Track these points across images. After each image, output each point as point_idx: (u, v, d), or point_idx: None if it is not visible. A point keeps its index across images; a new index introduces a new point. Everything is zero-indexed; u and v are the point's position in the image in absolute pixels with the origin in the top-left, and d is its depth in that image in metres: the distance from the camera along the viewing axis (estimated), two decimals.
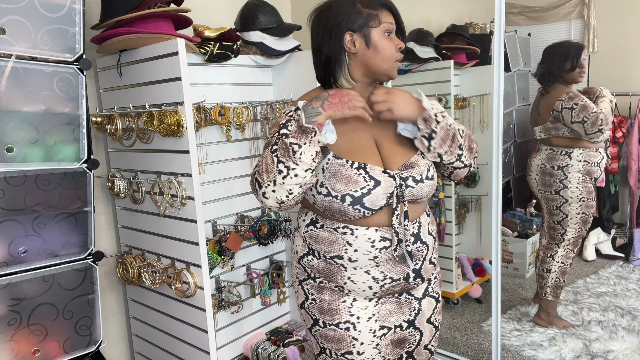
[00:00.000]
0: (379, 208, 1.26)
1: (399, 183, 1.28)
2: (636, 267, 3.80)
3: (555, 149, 2.76)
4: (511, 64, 4.13)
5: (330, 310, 1.36)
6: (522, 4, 4.64)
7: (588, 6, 4.34)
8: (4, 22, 1.48)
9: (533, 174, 2.86)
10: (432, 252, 1.38)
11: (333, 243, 1.30)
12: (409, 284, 1.35)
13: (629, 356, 2.56)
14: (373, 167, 1.27)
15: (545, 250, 2.89)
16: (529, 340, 2.74)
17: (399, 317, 1.40)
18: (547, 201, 2.82)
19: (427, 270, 1.38)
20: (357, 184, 1.24)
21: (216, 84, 2.07)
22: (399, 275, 1.32)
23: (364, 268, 1.30)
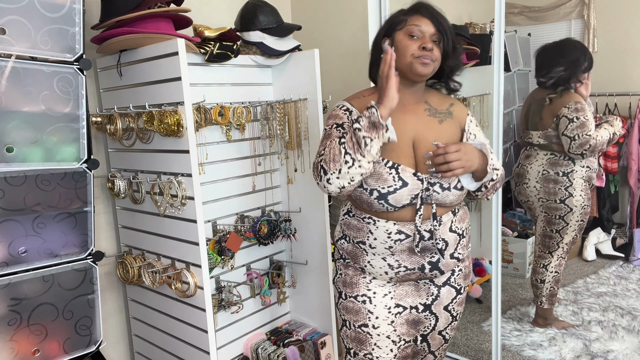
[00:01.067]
0: (401, 206, 1.40)
1: (425, 187, 1.40)
2: (636, 267, 3.80)
3: (557, 154, 2.61)
4: (511, 64, 4.13)
5: (351, 283, 1.54)
6: (522, 4, 4.65)
7: (588, 6, 4.34)
8: (4, 22, 1.48)
9: (531, 181, 2.70)
10: (454, 248, 1.48)
11: (359, 230, 1.48)
12: (424, 274, 1.48)
13: (629, 356, 2.56)
14: (405, 169, 1.40)
15: (538, 260, 2.81)
16: (529, 340, 2.74)
17: (415, 299, 1.53)
18: (547, 210, 2.68)
19: (446, 265, 1.48)
20: (386, 182, 1.39)
21: (216, 84, 2.07)
22: (413, 265, 1.45)
23: (381, 255, 1.46)
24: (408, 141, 1.43)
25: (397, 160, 1.41)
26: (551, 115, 2.59)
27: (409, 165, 1.41)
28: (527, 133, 2.74)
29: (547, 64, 2.62)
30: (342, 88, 2.66)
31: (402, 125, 1.43)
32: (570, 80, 2.56)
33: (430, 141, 1.43)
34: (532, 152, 2.72)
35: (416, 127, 1.45)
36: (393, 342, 1.54)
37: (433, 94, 1.54)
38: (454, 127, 1.50)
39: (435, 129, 1.46)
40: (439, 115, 1.49)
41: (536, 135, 2.68)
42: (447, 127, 1.48)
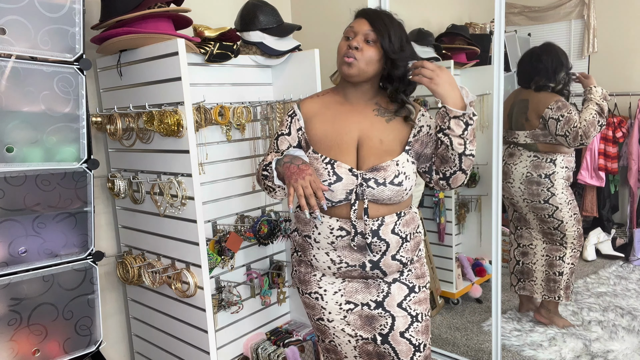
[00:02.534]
0: (337, 201, 1.45)
1: (359, 182, 1.44)
2: (636, 267, 3.80)
3: (540, 156, 2.69)
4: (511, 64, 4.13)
5: (305, 280, 1.60)
6: (522, 4, 4.64)
7: (588, 6, 4.34)
8: (4, 22, 1.48)
9: (516, 182, 2.76)
10: (396, 250, 1.49)
11: (307, 224, 1.52)
12: (365, 272, 1.50)
13: (629, 356, 2.56)
14: (341, 165, 1.45)
15: (552, 253, 2.83)
16: (529, 340, 2.74)
17: (366, 295, 1.55)
18: (535, 210, 2.75)
19: (388, 265, 1.50)
20: (322, 176, 1.44)
21: (216, 84, 2.06)
22: (354, 262, 1.49)
23: (324, 249, 1.51)
24: (352, 140, 1.49)
25: (338, 158, 1.47)
26: (536, 115, 2.66)
27: (348, 162, 1.46)
28: (512, 133, 2.79)
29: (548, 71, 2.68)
30: None
31: (348, 124, 1.50)
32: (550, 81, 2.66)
33: (374, 139, 1.48)
34: (515, 151, 2.78)
35: (362, 126, 1.50)
36: (349, 335, 1.59)
37: (383, 96, 1.55)
38: (403, 124, 1.52)
39: (382, 127, 1.49)
40: (387, 114, 1.52)
41: (523, 135, 2.73)
42: (394, 125, 1.50)
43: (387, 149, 1.48)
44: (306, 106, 1.58)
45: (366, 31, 1.44)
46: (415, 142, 1.51)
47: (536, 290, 2.88)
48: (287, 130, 1.58)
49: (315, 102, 1.58)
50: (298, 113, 1.57)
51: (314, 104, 1.58)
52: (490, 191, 2.24)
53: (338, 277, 1.55)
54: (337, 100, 1.57)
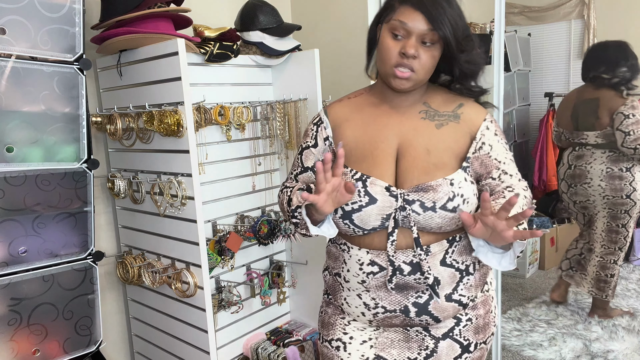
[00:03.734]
0: (371, 228, 1.13)
1: (400, 205, 1.10)
2: (636, 267, 3.79)
3: (616, 151, 2.68)
4: (511, 64, 4.14)
5: (328, 324, 1.28)
6: (522, 4, 4.65)
7: (588, 6, 4.35)
8: (4, 22, 1.48)
9: (594, 180, 2.74)
10: (451, 288, 1.14)
11: (337, 259, 1.22)
12: (410, 319, 1.16)
13: (629, 356, 2.56)
14: (375, 181, 1.12)
15: (607, 257, 2.86)
16: (529, 340, 2.74)
17: (403, 352, 1.20)
18: (612, 206, 2.75)
19: (441, 309, 1.15)
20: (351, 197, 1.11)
21: (216, 84, 2.06)
22: (393, 306, 1.15)
23: (356, 291, 1.18)
24: (390, 150, 1.16)
25: (371, 173, 1.14)
26: (609, 114, 2.65)
27: (384, 178, 1.13)
28: (579, 134, 2.79)
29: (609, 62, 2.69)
30: (342, 88, 2.66)
31: (385, 130, 1.18)
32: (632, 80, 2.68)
33: (419, 148, 1.13)
34: (585, 152, 2.78)
35: (402, 132, 1.17)
36: None
37: (438, 93, 1.22)
38: (459, 133, 1.16)
39: (429, 134, 1.15)
40: (439, 118, 1.17)
41: (593, 136, 2.73)
42: (447, 132, 1.16)
43: (436, 161, 1.13)
44: (334, 111, 1.26)
45: (423, 30, 1.09)
46: (475, 160, 1.15)
47: (584, 285, 2.95)
48: (312, 142, 1.26)
49: (346, 106, 1.26)
50: (325, 120, 1.26)
51: (344, 108, 1.26)
52: None
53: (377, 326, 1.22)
54: (372, 101, 1.24)
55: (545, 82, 4.69)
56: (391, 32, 1.12)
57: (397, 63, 1.11)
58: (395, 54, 1.11)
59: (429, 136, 1.15)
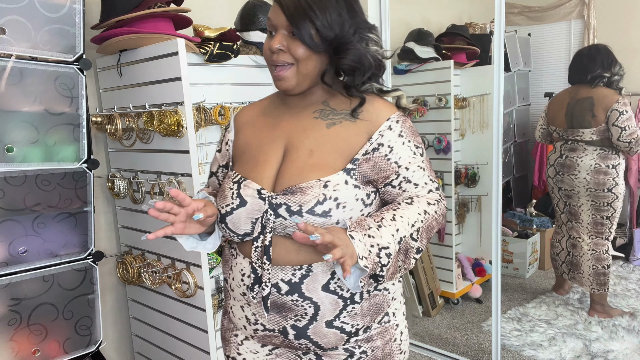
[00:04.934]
0: (244, 234, 1.05)
1: (265, 209, 1.02)
2: (636, 267, 3.79)
3: (606, 149, 2.85)
4: (511, 64, 4.13)
5: (224, 339, 1.21)
6: (522, 4, 4.64)
7: (588, 6, 4.34)
8: (4, 22, 1.48)
9: (582, 173, 2.90)
10: (333, 315, 1.03)
11: (227, 263, 1.15)
12: (289, 341, 1.06)
13: (629, 356, 2.56)
14: (249, 184, 1.05)
15: (597, 247, 2.96)
16: (529, 340, 2.74)
17: None
18: (596, 199, 2.89)
19: (321, 335, 1.04)
20: (225, 199, 1.07)
21: (216, 84, 2.06)
22: (272, 325, 1.06)
23: (240, 302, 1.10)
24: (274, 151, 1.08)
25: (248, 175, 1.08)
26: (604, 111, 2.80)
27: (264, 182, 1.05)
28: (574, 132, 2.92)
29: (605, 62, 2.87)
30: None
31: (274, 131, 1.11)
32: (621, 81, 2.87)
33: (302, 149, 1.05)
34: (578, 146, 2.92)
35: (291, 133, 1.08)
36: None
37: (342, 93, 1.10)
38: (353, 133, 1.05)
39: (316, 134, 1.06)
40: (333, 117, 1.07)
41: (589, 133, 2.86)
42: (338, 132, 1.05)
43: (316, 162, 1.03)
44: (242, 114, 1.21)
45: (283, 23, 1.02)
46: (364, 162, 1.03)
47: (585, 283, 3.00)
48: (218, 147, 1.22)
49: (253, 109, 1.20)
50: (231, 124, 1.21)
51: (251, 111, 1.20)
52: (491, 191, 2.24)
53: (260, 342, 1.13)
54: (276, 103, 1.17)
55: (545, 82, 4.68)
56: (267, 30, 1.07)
57: (271, 61, 1.05)
58: (268, 52, 1.05)
59: (315, 136, 1.06)
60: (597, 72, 2.85)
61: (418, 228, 0.99)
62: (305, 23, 1.00)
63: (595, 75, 2.86)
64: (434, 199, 1.04)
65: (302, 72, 1.03)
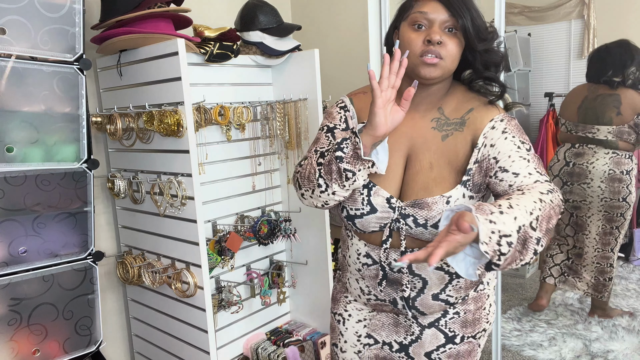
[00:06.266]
0: (371, 231, 1.18)
1: (395, 218, 1.14)
2: (636, 267, 3.79)
3: (619, 153, 2.63)
4: (511, 64, 4.13)
5: (335, 298, 1.39)
6: (522, 4, 4.65)
7: (588, 6, 4.34)
8: (4, 22, 1.48)
9: (595, 181, 2.66)
10: (439, 288, 1.18)
11: (344, 242, 1.30)
12: (398, 309, 1.23)
13: (629, 356, 2.56)
14: (379, 191, 1.14)
15: (603, 260, 2.82)
16: (529, 340, 2.74)
17: (391, 334, 1.28)
18: (610, 209, 2.70)
19: (427, 306, 1.20)
20: (355, 203, 1.16)
21: (216, 84, 2.07)
22: (384, 297, 1.22)
23: (355, 275, 1.27)
24: (400, 160, 1.17)
25: (378, 182, 1.16)
26: (633, 112, 2.59)
27: (392, 187, 1.15)
28: (586, 127, 2.68)
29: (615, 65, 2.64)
30: (342, 88, 2.66)
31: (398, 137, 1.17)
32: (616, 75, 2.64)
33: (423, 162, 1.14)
34: (586, 151, 2.69)
35: (413, 142, 1.17)
36: None
37: (455, 96, 1.20)
38: (460, 143, 1.14)
39: (434, 147, 1.15)
40: (447, 128, 1.16)
41: (605, 130, 2.63)
42: (450, 144, 1.15)
43: (436, 176, 1.13)
44: (358, 102, 1.25)
45: (444, 18, 1.09)
46: (476, 170, 1.12)
47: (579, 287, 2.89)
48: (342, 125, 1.23)
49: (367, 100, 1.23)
50: (351, 109, 1.24)
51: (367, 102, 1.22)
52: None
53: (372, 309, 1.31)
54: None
55: (545, 82, 4.69)
56: (411, 25, 1.12)
57: (423, 51, 1.09)
58: (420, 42, 1.10)
59: (434, 150, 1.15)
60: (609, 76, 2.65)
61: (537, 216, 0.95)
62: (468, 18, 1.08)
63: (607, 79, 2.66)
64: (546, 189, 1.02)
65: (447, 67, 1.11)
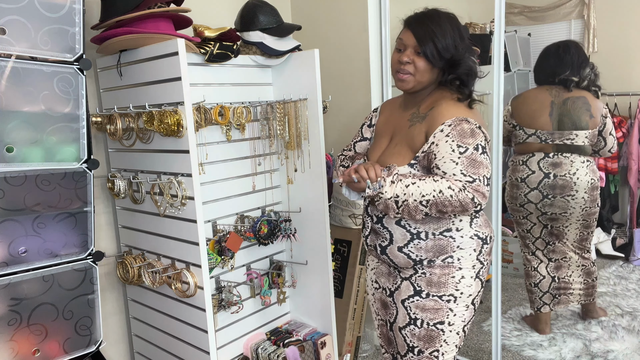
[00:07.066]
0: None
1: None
2: (636, 267, 3.79)
3: (591, 160, 2.59)
4: (511, 64, 4.13)
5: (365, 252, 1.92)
6: (522, 4, 4.65)
7: (588, 6, 4.35)
8: (4, 22, 1.48)
9: (580, 192, 2.56)
10: (403, 243, 1.53)
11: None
12: (378, 254, 1.62)
13: (629, 356, 2.56)
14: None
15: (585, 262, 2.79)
16: (529, 340, 2.74)
17: (386, 282, 1.66)
18: (588, 216, 2.65)
19: (394, 255, 1.56)
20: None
21: (216, 84, 2.06)
22: (371, 242, 1.62)
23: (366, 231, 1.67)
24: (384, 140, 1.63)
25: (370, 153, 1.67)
26: (599, 113, 2.56)
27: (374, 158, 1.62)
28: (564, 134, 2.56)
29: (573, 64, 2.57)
30: (342, 88, 2.66)
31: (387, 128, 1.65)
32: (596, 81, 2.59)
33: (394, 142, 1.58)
34: (563, 160, 2.56)
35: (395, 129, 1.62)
36: (375, 312, 1.77)
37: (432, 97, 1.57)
38: (417, 131, 1.52)
39: (403, 132, 1.57)
40: (415, 120, 1.55)
41: (583, 135, 2.54)
42: (412, 131, 1.54)
43: (394, 152, 1.55)
44: (384, 105, 1.75)
45: (413, 43, 1.49)
46: (423, 159, 1.50)
47: (572, 300, 2.80)
48: (368, 122, 1.76)
49: (390, 103, 1.74)
50: (378, 109, 1.76)
51: (388, 104, 1.74)
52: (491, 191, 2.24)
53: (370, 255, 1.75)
54: (399, 102, 1.68)
55: None
56: (396, 47, 1.55)
57: (398, 69, 1.53)
58: (396, 62, 1.53)
59: (402, 134, 1.57)
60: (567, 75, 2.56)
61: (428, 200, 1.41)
62: (430, 45, 1.46)
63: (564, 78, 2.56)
64: (456, 186, 1.40)
65: (418, 80, 1.52)
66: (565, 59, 2.58)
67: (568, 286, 2.79)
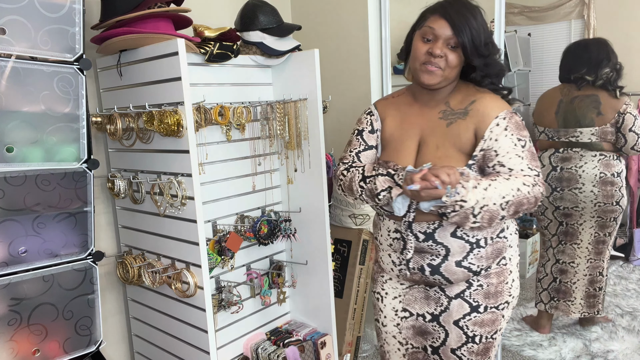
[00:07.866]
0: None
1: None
2: (636, 267, 3.79)
3: (607, 154, 2.53)
4: (511, 64, 4.14)
5: (374, 279, 1.63)
6: (522, 4, 4.65)
7: (588, 6, 4.35)
8: (4, 22, 1.48)
9: (587, 185, 2.54)
10: (461, 256, 1.37)
11: (376, 226, 1.54)
12: (426, 276, 1.42)
13: (629, 356, 2.56)
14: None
15: (594, 270, 2.69)
16: (529, 340, 2.74)
17: (423, 306, 1.49)
18: (602, 214, 2.57)
19: (451, 272, 1.39)
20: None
21: (216, 84, 2.06)
22: (413, 264, 1.42)
23: (387, 251, 1.49)
24: (412, 146, 1.43)
25: (398, 161, 1.42)
26: (613, 110, 2.50)
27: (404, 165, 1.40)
28: (569, 131, 2.58)
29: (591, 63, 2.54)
30: (342, 88, 2.66)
31: (411, 127, 1.45)
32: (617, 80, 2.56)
33: (430, 145, 1.38)
34: (573, 155, 2.58)
35: (423, 131, 1.43)
36: (400, 342, 1.58)
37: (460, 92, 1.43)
38: (465, 129, 1.37)
39: (440, 133, 1.39)
40: (452, 116, 1.39)
41: (588, 132, 2.53)
42: (454, 129, 1.37)
43: (441, 155, 1.36)
44: (382, 106, 1.55)
45: (448, 35, 1.33)
46: (481, 157, 1.35)
47: (573, 310, 2.73)
48: (369, 127, 1.54)
49: (390, 104, 1.54)
50: (375, 113, 1.54)
51: (388, 105, 1.54)
52: None
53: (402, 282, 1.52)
54: (407, 101, 1.51)
55: (545, 82, 4.69)
56: (422, 36, 1.37)
57: (425, 61, 1.35)
58: (424, 53, 1.35)
59: (440, 134, 1.39)
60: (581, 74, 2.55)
61: (508, 201, 1.26)
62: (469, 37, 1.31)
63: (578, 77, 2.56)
64: (529, 182, 1.29)
65: (446, 76, 1.37)
66: (583, 57, 2.57)
67: (569, 293, 2.74)
